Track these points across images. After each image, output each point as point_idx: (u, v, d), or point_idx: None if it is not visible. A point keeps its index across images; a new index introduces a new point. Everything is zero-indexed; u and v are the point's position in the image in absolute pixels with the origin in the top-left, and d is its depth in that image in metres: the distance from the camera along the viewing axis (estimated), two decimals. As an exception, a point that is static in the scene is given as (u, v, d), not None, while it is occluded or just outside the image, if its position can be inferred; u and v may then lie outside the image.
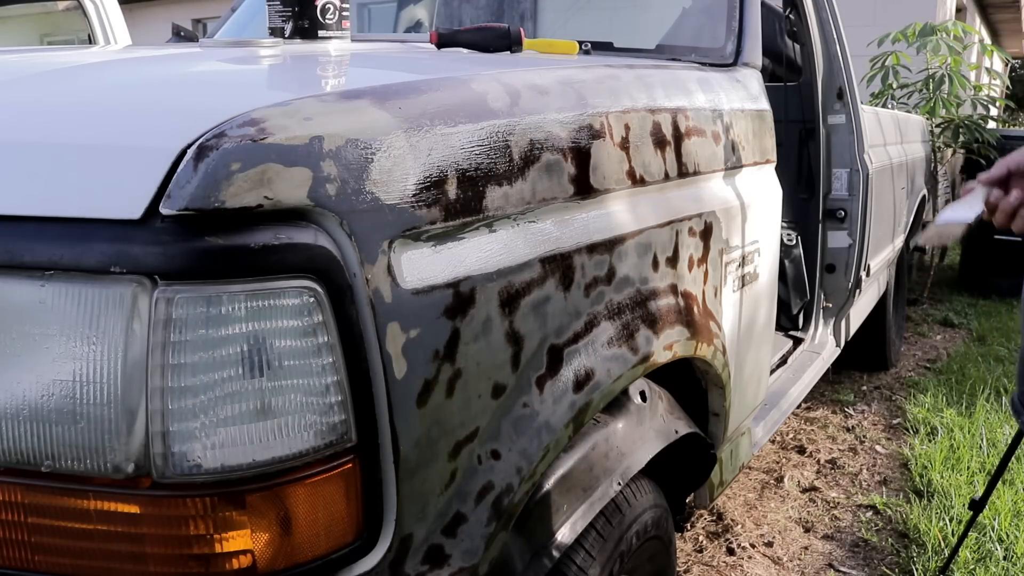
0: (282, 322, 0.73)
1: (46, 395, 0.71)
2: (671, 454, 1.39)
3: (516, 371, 0.97)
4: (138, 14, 9.93)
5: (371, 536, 0.82)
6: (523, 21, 2.22)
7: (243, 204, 0.71)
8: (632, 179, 1.20)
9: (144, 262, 0.69)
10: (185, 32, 2.15)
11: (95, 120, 0.81)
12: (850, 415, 3.33)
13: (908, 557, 2.25)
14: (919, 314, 5.05)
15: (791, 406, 2.27)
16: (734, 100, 1.61)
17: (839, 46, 2.71)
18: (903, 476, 2.79)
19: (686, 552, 2.27)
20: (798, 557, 2.28)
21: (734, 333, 1.58)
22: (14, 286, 0.71)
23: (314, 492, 0.77)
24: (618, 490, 1.18)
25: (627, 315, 1.17)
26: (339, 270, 0.76)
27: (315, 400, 0.75)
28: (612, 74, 1.27)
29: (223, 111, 0.76)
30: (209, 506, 0.72)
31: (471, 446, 0.92)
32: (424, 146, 0.86)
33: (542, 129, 1.03)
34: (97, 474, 0.72)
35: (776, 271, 1.88)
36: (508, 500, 0.94)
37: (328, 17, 1.51)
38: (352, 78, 1.16)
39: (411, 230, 0.83)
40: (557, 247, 1.02)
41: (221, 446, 0.72)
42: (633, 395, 1.29)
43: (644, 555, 1.34)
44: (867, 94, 5.85)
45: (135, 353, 0.69)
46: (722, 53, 1.83)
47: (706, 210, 1.41)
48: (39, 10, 3.81)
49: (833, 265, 2.73)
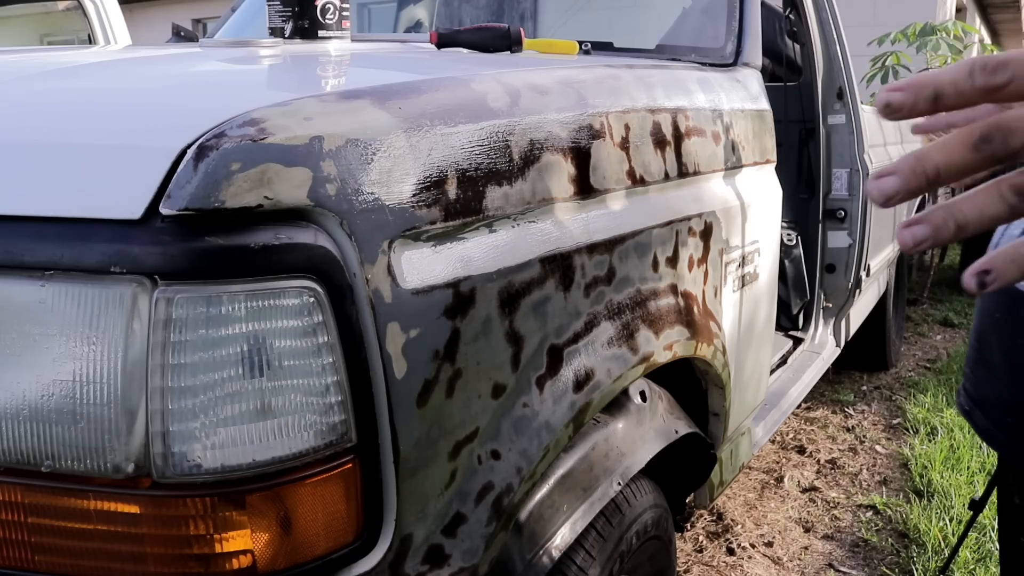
0: (282, 322, 0.73)
1: (46, 395, 0.71)
2: (671, 454, 1.39)
3: (516, 371, 0.97)
4: (138, 14, 9.94)
5: (371, 536, 0.82)
6: (523, 21, 2.22)
7: (243, 204, 0.71)
8: (632, 179, 1.20)
9: (144, 262, 0.69)
10: (185, 32, 2.15)
11: (95, 120, 0.81)
12: (850, 415, 3.33)
13: (908, 557, 2.25)
14: (919, 314, 5.05)
15: (791, 406, 2.27)
16: (734, 100, 1.61)
17: (839, 46, 2.71)
18: (903, 476, 2.79)
19: (686, 552, 2.27)
20: (798, 557, 2.28)
21: (734, 333, 1.58)
22: (14, 286, 0.71)
23: (314, 492, 0.77)
24: (618, 490, 1.18)
25: (627, 315, 1.17)
26: (339, 270, 0.76)
27: (315, 400, 0.75)
28: (612, 74, 1.27)
29: (223, 111, 0.76)
30: (209, 506, 0.72)
31: (471, 446, 0.92)
32: (424, 146, 0.86)
33: (542, 129, 1.03)
34: (97, 474, 0.72)
35: (776, 271, 1.88)
36: (508, 500, 0.94)
37: (328, 17, 1.51)
38: (352, 78, 1.16)
39: (411, 230, 0.83)
40: (557, 247, 1.02)
41: (221, 446, 0.72)
42: (633, 395, 1.29)
43: (644, 555, 1.34)
44: (867, 94, 5.84)
45: (135, 353, 0.69)
46: (722, 53, 1.83)
47: (706, 210, 1.41)
48: (39, 10, 3.81)
49: (833, 265, 2.73)
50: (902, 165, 0.40)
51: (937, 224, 0.40)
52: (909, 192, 0.39)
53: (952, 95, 0.39)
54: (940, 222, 0.39)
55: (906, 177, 0.39)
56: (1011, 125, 0.38)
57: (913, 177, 0.39)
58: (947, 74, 0.39)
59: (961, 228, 0.39)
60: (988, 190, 0.39)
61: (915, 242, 0.40)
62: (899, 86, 0.40)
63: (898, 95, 0.40)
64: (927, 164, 0.39)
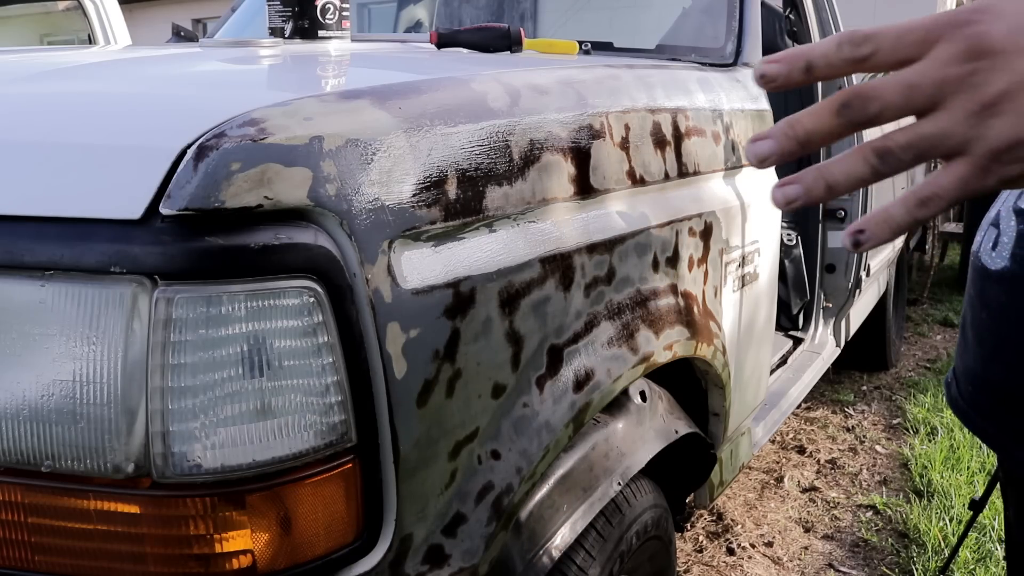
0: (282, 322, 0.73)
1: (46, 395, 0.71)
2: (671, 454, 1.39)
3: (516, 371, 0.97)
4: (138, 14, 9.94)
5: (371, 536, 0.82)
6: (523, 21, 2.22)
7: (243, 204, 0.71)
8: (632, 179, 1.20)
9: (144, 262, 0.69)
10: (185, 32, 2.15)
11: (95, 120, 0.81)
12: (850, 415, 3.33)
13: (908, 557, 2.25)
14: (919, 314, 5.05)
15: (791, 406, 2.27)
16: (734, 100, 1.61)
17: (839, 46, 2.70)
18: (903, 476, 2.79)
19: (686, 552, 2.27)
20: (798, 557, 2.28)
21: (734, 333, 1.58)
22: (14, 286, 0.71)
23: (314, 492, 0.77)
24: (618, 490, 1.18)
25: (627, 315, 1.17)
26: (339, 270, 0.76)
27: (315, 400, 0.75)
28: (612, 74, 1.27)
29: (223, 111, 0.76)
30: (209, 506, 0.72)
31: (471, 446, 0.92)
32: (424, 146, 0.86)
33: (542, 129, 1.03)
34: (97, 474, 0.72)
35: (776, 271, 1.88)
36: (508, 500, 0.94)
37: (328, 17, 1.51)
38: (352, 78, 1.16)
39: (411, 230, 0.83)
40: (557, 247, 1.02)
41: (221, 446, 0.72)
42: (633, 395, 1.29)
43: (644, 555, 1.34)
44: (867, 94, 5.84)
45: (135, 353, 0.69)
46: (722, 53, 1.83)
47: (706, 210, 1.41)
48: (39, 10, 3.81)
49: (833, 265, 2.73)
50: (775, 130, 0.43)
51: (808, 184, 0.43)
52: (782, 154, 0.43)
53: (823, 66, 0.43)
54: (811, 182, 0.43)
55: (779, 140, 0.43)
56: (868, 93, 0.42)
57: (785, 140, 0.43)
58: (818, 47, 0.43)
59: (831, 188, 0.43)
60: (854, 154, 0.43)
61: (786, 200, 0.44)
62: (775, 58, 0.44)
63: (773, 67, 0.44)
64: (797, 128, 0.43)
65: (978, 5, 0.43)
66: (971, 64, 0.41)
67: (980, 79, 0.41)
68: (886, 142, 0.43)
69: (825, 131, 0.43)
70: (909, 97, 0.42)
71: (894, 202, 0.43)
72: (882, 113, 0.43)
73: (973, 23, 0.42)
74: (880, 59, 0.43)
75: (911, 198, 0.43)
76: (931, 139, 0.42)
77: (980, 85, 0.41)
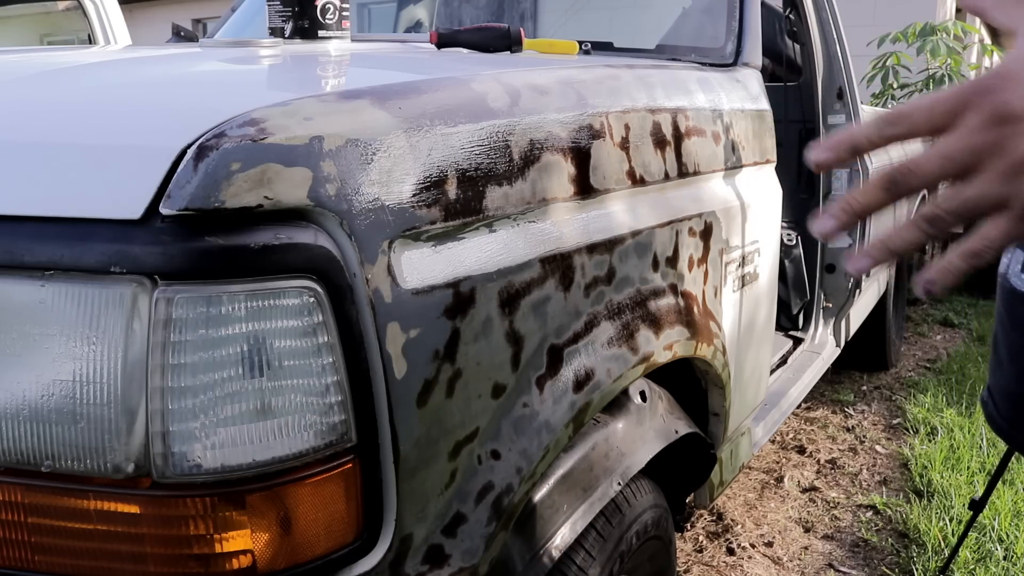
0: (282, 322, 0.73)
1: (46, 395, 0.71)
2: (671, 454, 1.39)
3: (516, 371, 0.97)
4: (138, 14, 9.94)
5: (371, 536, 0.82)
6: (523, 21, 2.22)
7: (243, 204, 0.71)
8: (632, 179, 1.20)
9: (144, 262, 0.69)
10: (185, 32, 2.15)
11: (95, 120, 0.81)
12: (850, 415, 3.33)
13: (908, 557, 2.25)
14: (919, 314, 5.05)
15: (791, 406, 2.27)
16: (734, 100, 1.61)
17: (839, 46, 2.71)
18: (903, 476, 2.79)
19: (686, 552, 2.27)
20: (798, 557, 2.28)
21: (734, 333, 1.58)
22: (14, 286, 0.71)
23: (314, 492, 0.77)
24: (618, 490, 1.18)
25: (627, 315, 1.17)
26: (339, 270, 0.76)
27: (315, 400, 0.75)
28: (612, 74, 1.27)
29: (223, 111, 0.76)
30: (209, 506, 0.72)
31: (471, 446, 0.92)
32: (424, 146, 0.86)
33: (542, 129, 1.03)
34: (97, 474, 0.72)
35: (776, 271, 1.88)
36: (508, 500, 0.94)
37: (328, 17, 1.51)
38: (352, 78, 1.16)
39: (411, 230, 0.83)
40: (557, 247, 1.02)
41: (221, 446, 0.72)
42: (633, 395, 1.29)
43: (644, 555, 1.34)
44: (867, 94, 5.85)
45: (135, 353, 0.69)
46: (722, 53, 1.83)
47: (706, 210, 1.41)
48: (39, 10, 3.82)
49: (833, 265, 2.73)
50: (835, 209, 0.51)
51: (875, 256, 0.51)
52: (843, 229, 0.51)
53: (867, 147, 0.51)
54: (878, 254, 0.51)
55: (839, 218, 0.51)
56: (911, 168, 0.49)
57: (844, 216, 0.51)
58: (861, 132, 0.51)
59: (894, 253, 0.51)
60: (909, 226, 0.50)
61: (858, 272, 0.52)
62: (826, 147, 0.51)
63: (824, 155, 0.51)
64: (854, 205, 0.51)
65: (1000, 70, 0.48)
66: (998, 130, 0.47)
67: (1010, 144, 0.47)
68: (935, 211, 0.49)
69: (876, 205, 0.50)
70: (945, 168, 0.48)
71: (953, 253, 0.50)
72: (924, 184, 0.49)
73: (996, 90, 0.47)
74: (915, 133, 0.49)
75: (967, 251, 0.50)
76: (973, 201, 0.48)
77: (1010, 149, 0.47)
